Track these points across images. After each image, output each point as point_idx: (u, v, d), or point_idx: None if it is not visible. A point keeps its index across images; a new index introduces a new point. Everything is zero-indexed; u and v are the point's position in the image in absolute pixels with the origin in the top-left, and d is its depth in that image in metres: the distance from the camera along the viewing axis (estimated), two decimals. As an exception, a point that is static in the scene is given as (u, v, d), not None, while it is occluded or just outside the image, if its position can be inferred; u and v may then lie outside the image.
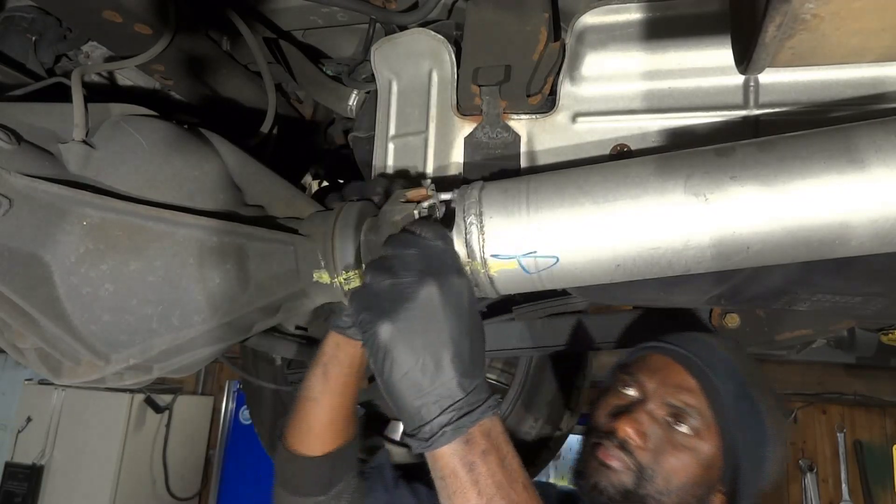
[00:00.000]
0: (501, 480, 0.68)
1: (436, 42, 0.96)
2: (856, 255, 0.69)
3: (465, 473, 0.68)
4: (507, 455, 0.71)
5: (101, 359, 0.79)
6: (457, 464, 0.68)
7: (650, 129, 0.89)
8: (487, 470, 0.68)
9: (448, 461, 0.69)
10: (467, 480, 0.68)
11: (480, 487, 0.68)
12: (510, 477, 0.70)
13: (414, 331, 0.69)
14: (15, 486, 3.72)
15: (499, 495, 0.68)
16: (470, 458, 0.69)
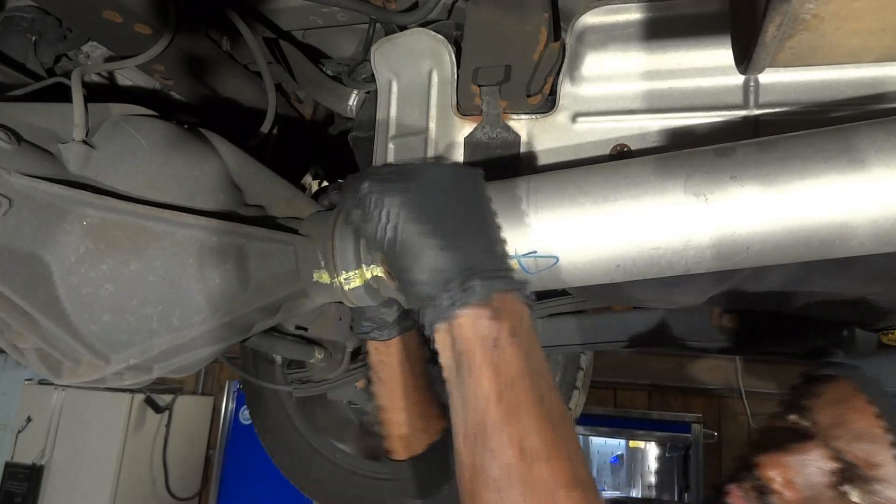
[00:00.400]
0: (524, 369, 0.55)
1: (436, 42, 0.96)
2: (856, 256, 0.69)
3: (484, 350, 0.55)
4: (537, 347, 0.59)
5: (101, 359, 0.79)
6: (475, 338, 0.56)
7: (650, 129, 0.89)
8: (514, 352, 0.56)
9: (466, 333, 0.56)
10: (484, 358, 0.55)
11: (499, 369, 0.54)
12: (535, 369, 0.56)
13: (426, 201, 0.61)
14: (15, 486, 3.72)
15: (520, 385, 0.54)
16: (495, 331, 0.56)
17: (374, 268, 0.82)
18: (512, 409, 0.52)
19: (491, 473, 0.50)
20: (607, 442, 3.78)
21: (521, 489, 0.49)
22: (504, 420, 0.52)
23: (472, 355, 0.56)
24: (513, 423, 0.52)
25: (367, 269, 0.82)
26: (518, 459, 0.50)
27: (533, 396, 0.54)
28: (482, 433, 0.52)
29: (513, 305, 0.60)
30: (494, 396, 0.53)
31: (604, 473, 3.86)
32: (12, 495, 3.69)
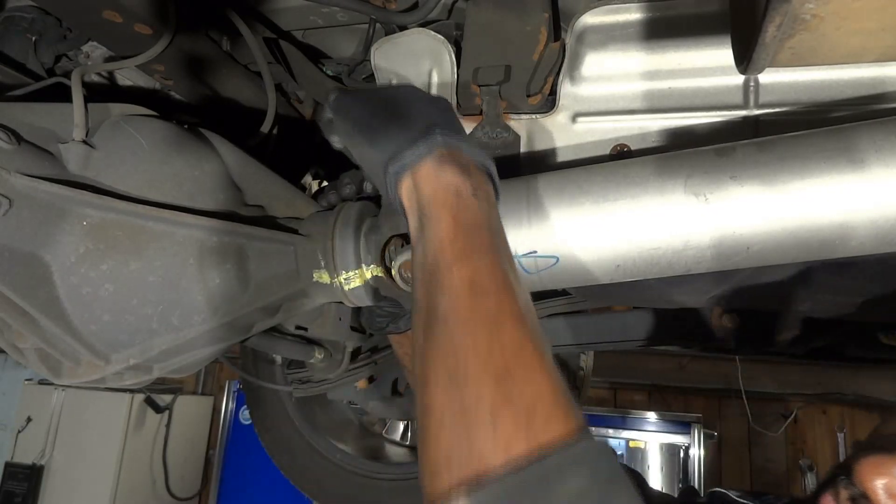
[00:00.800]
0: (483, 221, 0.55)
1: (436, 42, 0.96)
2: (856, 256, 0.69)
3: (445, 196, 0.55)
4: (497, 216, 0.58)
5: (101, 359, 0.79)
6: (437, 185, 0.56)
7: (650, 129, 0.89)
8: (474, 204, 0.56)
9: (429, 181, 0.57)
10: (444, 204, 0.55)
11: (458, 216, 0.54)
12: (494, 227, 0.56)
13: (388, 93, 0.66)
14: (15, 486, 3.72)
15: (476, 232, 0.54)
16: (458, 181, 0.56)
17: (374, 268, 0.82)
18: (466, 250, 0.53)
19: (440, 308, 0.51)
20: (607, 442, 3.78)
21: (466, 318, 0.49)
22: (456, 259, 0.52)
23: (433, 202, 0.56)
24: (465, 262, 0.52)
25: (367, 269, 0.82)
26: (466, 294, 0.50)
27: (489, 244, 0.54)
28: (436, 273, 0.53)
29: (477, 173, 0.59)
30: (450, 238, 0.54)
31: (604, 473, 3.85)
32: (12, 495, 3.69)
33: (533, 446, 0.43)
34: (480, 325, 0.49)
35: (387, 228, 0.80)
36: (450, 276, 0.52)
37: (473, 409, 0.45)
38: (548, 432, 0.44)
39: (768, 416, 3.51)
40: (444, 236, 0.54)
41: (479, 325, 0.49)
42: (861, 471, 0.65)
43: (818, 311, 1.02)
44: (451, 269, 0.52)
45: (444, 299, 0.51)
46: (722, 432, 3.57)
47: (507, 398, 0.45)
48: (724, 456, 3.58)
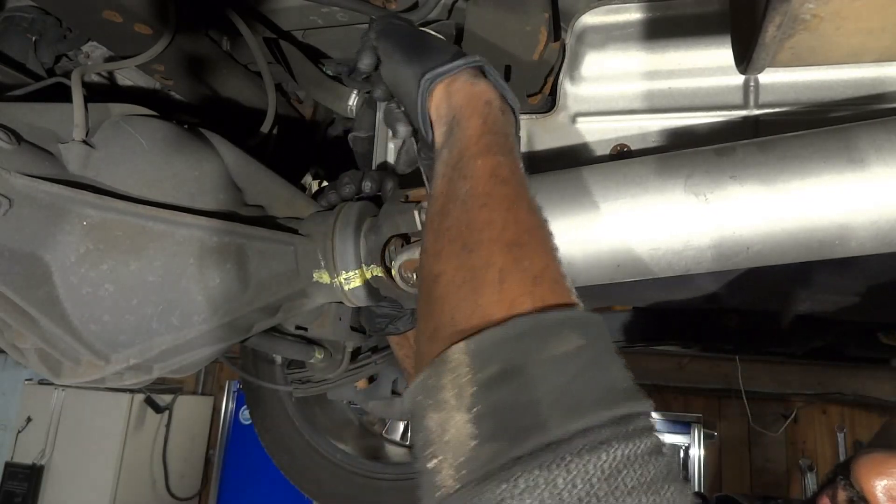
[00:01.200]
0: (509, 130, 0.59)
1: (436, 42, 0.96)
2: (856, 256, 0.69)
3: (476, 104, 0.59)
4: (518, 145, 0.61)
5: (101, 359, 0.79)
6: (470, 94, 0.60)
7: (650, 129, 0.89)
8: (503, 117, 0.59)
9: (462, 90, 0.60)
10: (475, 110, 0.58)
11: (487, 119, 0.58)
12: (515, 143, 0.59)
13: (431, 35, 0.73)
14: (15, 486, 3.72)
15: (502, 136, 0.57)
16: (490, 94, 0.60)
17: (373, 268, 0.82)
18: (492, 146, 0.55)
19: (460, 192, 0.53)
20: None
21: (483, 201, 0.51)
22: (481, 152, 0.55)
23: (465, 106, 0.59)
24: (489, 155, 0.54)
25: (367, 269, 0.82)
26: (486, 180, 0.52)
27: (512, 147, 0.57)
28: (459, 163, 0.55)
29: (504, 99, 0.62)
30: (477, 135, 0.56)
31: (604, 473, 3.85)
32: (12, 495, 3.69)
33: (538, 306, 0.43)
34: (498, 204, 0.51)
35: (387, 228, 0.80)
36: (473, 164, 0.54)
37: (482, 270, 0.47)
38: (553, 297, 0.45)
39: (768, 416, 3.51)
40: (473, 133, 0.56)
41: (497, 204, 0.51)
42: (859, 471, 0.60)
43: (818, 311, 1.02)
44: (476, 160, 0.54)
45: (465, 183, 0.53)
46: (722, 432, 3.56)
47: (517, 263, 0.46)
48: (724, 456, 3.57)
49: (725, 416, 3.60)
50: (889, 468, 0.58)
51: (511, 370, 0.41)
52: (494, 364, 0.41)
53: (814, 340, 1.23)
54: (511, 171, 0.54)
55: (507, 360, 0.41)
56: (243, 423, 4.11)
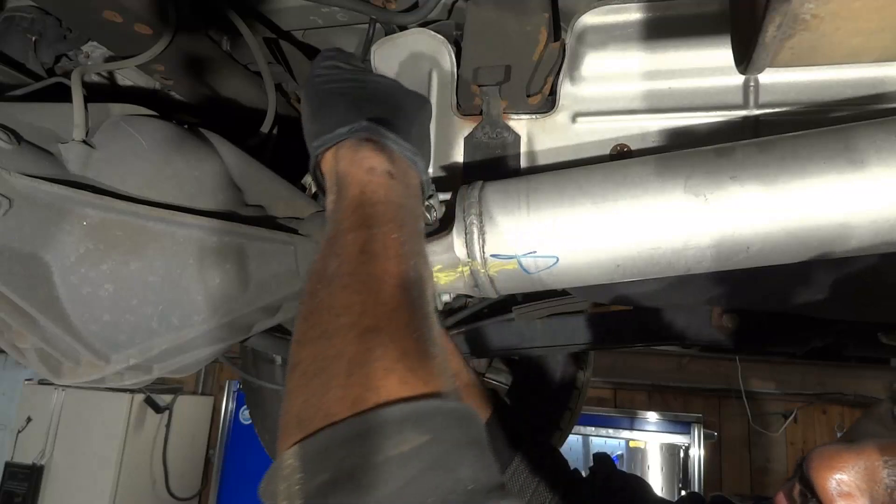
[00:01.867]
0: (392, 197, 0.56)
1: (436, 42, 0.96)
2: (856, 256, 0.69)
3: (357, 172, 0.57)
4: (413, 199, 0.59)
5: (101, 359, 0.79)
6: (352, 161, 0.58)
7: (650, 129, 0.89)
8: (385, 183, 0.56)
9: (346, 158, 0.59)
10: (355, 178, 0.56)
11: (366, 189, 0.55)
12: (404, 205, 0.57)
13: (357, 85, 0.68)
14: (15, 486, 3.72)
15: (382, 206, 0.54)
16: (373, 160, 0.58)
17: (374, 268, 0.81)
18: (366, 219, 0.53)
19: (328, 270, 0.50)
20: (607, 442, 3.78)
21: (346, 281, 0.48)
22: (354, 227, 0.52)
23: (346, 175, 0.57)
24: (361, 229, 0.52)
25: (367, 269, 0.82)
26: (354, 257, 0.50)
27: (391, 216, 0.54)
28: (333, 238, 0.53)
29: (401, 161, 0.60)
30: (352, 208, 0.54)
31: (604, 473, 3.85)
32: (12, 495, 3.69)
33: (382, 401, 0.40)
34: (362, 285, 0.48)
35: (387, 228, 0.80)
36: (344, 241, 0.51)
37: (333, 361, 0.44)
38: (404, 388, 0.41)
39: (768, 416, 3.51)
40: (348, 205, 0.54)
41: (360, 285, 0.48)
42: (812, 464, 0.55)
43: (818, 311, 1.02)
44: (346, 234, 0.52)
45: (333, 261, 0.50)
46: (722, 432, 3.57)
47: (369, 353, 0.43)
48: (724, 456, 3.58)
49: (725, 416, 3.60)
50: (841, 462, 0.53)
51: (342, 477, 0.37)
52: (325, 471, 0.38)
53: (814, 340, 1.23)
54: (383, 243, 0.51)
55: (338, 466, 0.38)
56: (243, 423, 4.11)
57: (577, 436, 3.67)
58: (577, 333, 1.40)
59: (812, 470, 0.54)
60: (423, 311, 0.49)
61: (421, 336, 0.46)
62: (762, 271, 0.76)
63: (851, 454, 0.53)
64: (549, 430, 1.71)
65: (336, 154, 0.61)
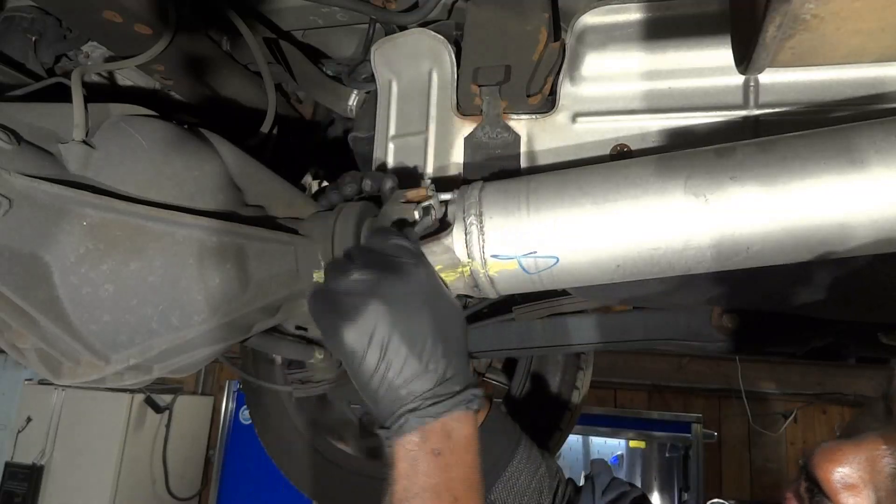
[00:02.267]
0: (436, 484, 0.63)
1: (436, 42, 0.96)
2: (856, 256, 0.69)
3: (403, 466, 0.63)
4: (461, 462, 0.65)
5: (101, 359, 0.79)
6: (401, 455, 0.64)
7: (650, 129, 0.89)
8: (427, 469, 0.63)
9: (397, 451, 0.64)
10: (400, 474, 0.63)
11: (407, 484, 0.62)
12: (448, 484, 0.63)
13: (376, 327, 0.66)
14: (15, 486, 3.72)
15: (420, 498, 0.62)
16: (415, 452, 0.63)
17: (374, 268, 0.81)
18: (409, 498, 0.62)
19: None
20: (607, 442, 3.78)
21: None
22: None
23: (393, 471, 0.64)
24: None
25: (367, 269, 0.82)
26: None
27: (433, 485, 0.62)
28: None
29: (445, 424, 0.65)
30: (398, 498, 0.63)
31: (604, 473, 3.85)
32: (12, 495, 3.69)
33: None
34: None
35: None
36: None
37: None
38: None
39: (768, 416, 3.51)
40: (395, 497, 0.63)
41: None
42: (815, 460, 0.56)
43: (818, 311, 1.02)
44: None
45: None
46: (722, 432, 3.56)
47: None
48: (724, 456, 3.58)
49: (725, 416, 3.60)
50: (843, 455, 0.54)
51: None
52: None
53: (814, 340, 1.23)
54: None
55: None
56: (243, 423, 4.11)
57: (578, 436, 3.67)
58: (577, 333, 1.40)
59: (815, 466, 0.55)
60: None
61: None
62: (762, 271, 0.76)
63: (851, 447, 0.54)
64: (548, 431, 1.71)
65: (391, 447, 0.66)
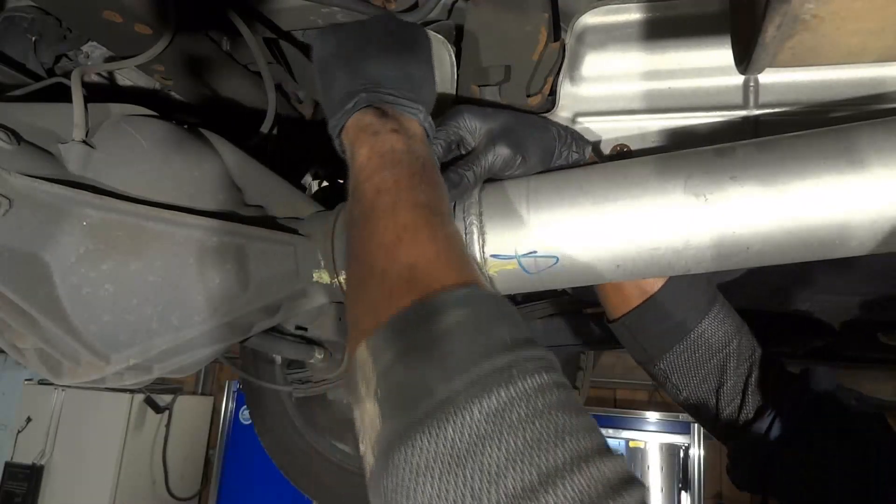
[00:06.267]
0: (401, 147, 0.64)
1: (436, 42, 0.96)
2: (856, 256, 0.69)
3: (364, 136, 0.65)
4: (424, 148, 0.67)
5: (101, 359, 0.79)
6: (358, 129, 0.66)
7: (650, 129, 0.89)
8: (393, 138, 0.65)
9: (352, 129, 0.67)
10: (363, 142, 0.65)
11: (374, 146, 0.64)
12: (414, 152, 0.65)
13: (351, 45, 0.72)
14: (15, 486, 3.72)
15: (390, 155, 0.63)
16: (377, 124, 0.66)
17: (374, 268, 0.81)
18: (377, 167, 0.62)
19: (355, 215, 0.61)
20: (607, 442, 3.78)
21: (368, 216, 0.58)
22: (368, 176, 0.61)
23: (355, 142, 0.66)
24: (374, 175, 0.61)
25: (367, 269, 0.82)
26: (372, 197, 0.59)
27: (398, 160, 0.63)
28: (354, 191, 0.63)
29: (402, 117, 0.68)
30: (363, 163, 0.63)
31: (604, 473, 3.85)
32: (12, 495, 3.69)
33: (416, 297, 0.49)
34: (381, 214, 0.57)
35: (387, 228, 0.80)
36: (362, 188, 0.61)
37: (369, 275, 0.54)
38: (431, 284, 0.50)
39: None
40: (360, 162, 0.64)
41: (380, 215, 0.57)
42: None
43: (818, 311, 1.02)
44: (364, 184, 0.61)
45: (357, 206, 0.61)
46: (722, 432, 3.56)
47: (393, 260, 0.53)
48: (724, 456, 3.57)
49: (725, 416, 3.59)
50: None
51: (401, 355, 0.47)
52: (388, 353, 0.47)
53: (814, 340, 1.23)
54: (394, 180, 0.60)
55: (397, 348, 0.47)
56: (243, 423, 4.11)
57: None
58: (577, 333, 1.40)
59: None
60: (439, 222, 0.58)
61: (439, 238, 0.56)
62: (762, 271, 0.76)
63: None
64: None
65: (346, 130, 0.68)
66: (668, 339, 0.87)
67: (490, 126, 0.79)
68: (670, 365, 0.88)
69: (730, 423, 0.88)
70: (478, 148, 0.78)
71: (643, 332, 0.89)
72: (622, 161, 0.77)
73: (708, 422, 0.91)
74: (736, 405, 0.87)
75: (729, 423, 0.88)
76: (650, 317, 0.87)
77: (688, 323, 0.86)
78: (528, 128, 0.80)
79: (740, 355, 0.88)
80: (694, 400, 0.89)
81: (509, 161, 0.77)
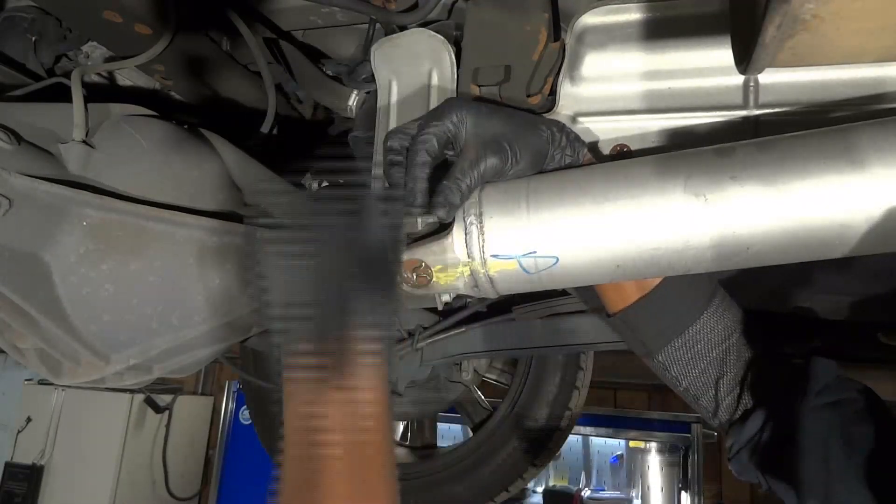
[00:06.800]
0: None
1: (436, 42, 0.96)
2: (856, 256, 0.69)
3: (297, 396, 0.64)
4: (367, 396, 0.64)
5: (101, 359, 0.79)
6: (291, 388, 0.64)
7: (650, 129, 0.89)
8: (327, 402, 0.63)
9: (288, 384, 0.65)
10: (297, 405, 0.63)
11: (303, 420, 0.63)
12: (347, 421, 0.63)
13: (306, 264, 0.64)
14: (15, 486, 3.72)
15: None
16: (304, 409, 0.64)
17: (374, 268, 0.81)
18: (304, 450, 0.63)
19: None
20: (607, 442, 3.78)
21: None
22: (296, 452, 0.63)
23: (287, 396, 0.64)
24: (300, 459, 0.62)
25: (367, 269, 0.82)
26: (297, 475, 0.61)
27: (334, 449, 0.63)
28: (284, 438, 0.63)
29: (354, 370, 0.64)
30: (292, 437, 0.63)
31: (604, 473, 3.86)
32: (12, 495, 3.69)
33: None
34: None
35: (387, 228, 0.80)
36: (287, 454, 0.62)
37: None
38: None
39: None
40: (291, 429, 0.63)
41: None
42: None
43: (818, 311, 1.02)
44: (290, 455, 0.62)
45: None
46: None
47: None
48: (724, 456, 3.57)
49: (725, 416, 3.59)
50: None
51: None
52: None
53: (814, 340, 1.23)
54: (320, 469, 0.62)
55: None
56: (243, 423, 4.11)
57: (577, 436, 3.67)
58: (577, 333, 1.40)
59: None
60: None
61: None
62: (762, 271, 0.75)
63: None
64: (548, 431, 1.71)
65: (284, 377, 0.64)
66: (667, 333, 0.86)
67: (480, 133, 0.76)
68: (669, 357, 0.87)
69: (729, 413, 0.88)
70: (468, 156, 0.76)
71: (642, 327, 0.88)
72: (622, 161, 0.77)
73: (707, 412, 0.91)
74: (735, 395, 0.87)
75: (728, 413, 0.88)
76: (649, 312, 0.86)
77: (687, 317, 0.86)
78: (519, 131, 0.78)
79: (740, 348, 0.88)
80: (693, 391, 0.89)
81: (499, 169, 0.76)
